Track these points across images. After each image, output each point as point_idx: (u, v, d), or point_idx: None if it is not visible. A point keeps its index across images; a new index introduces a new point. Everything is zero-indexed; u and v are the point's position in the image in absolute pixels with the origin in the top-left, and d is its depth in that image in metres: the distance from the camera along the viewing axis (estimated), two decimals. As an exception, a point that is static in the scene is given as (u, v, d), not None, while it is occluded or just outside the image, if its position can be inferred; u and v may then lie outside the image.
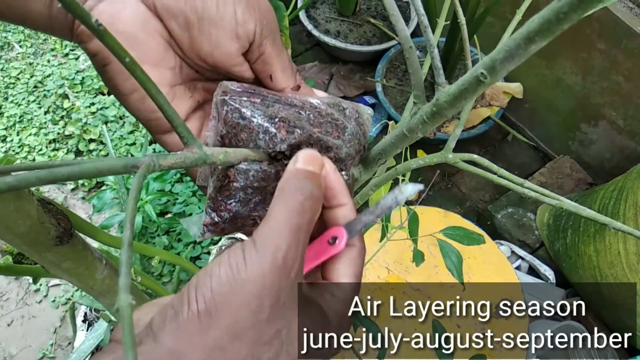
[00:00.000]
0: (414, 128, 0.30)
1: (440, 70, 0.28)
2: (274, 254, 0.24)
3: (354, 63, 1.58)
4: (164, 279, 1.24)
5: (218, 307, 0.23)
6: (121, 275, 0.15)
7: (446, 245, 0.64)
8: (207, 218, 0.30)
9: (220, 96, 0.30)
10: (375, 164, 0.36)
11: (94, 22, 0.18)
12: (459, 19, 0.45)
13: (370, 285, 1.03)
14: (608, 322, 1.05)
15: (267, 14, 0.30)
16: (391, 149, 0.34)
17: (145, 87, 0.21)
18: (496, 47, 0.20)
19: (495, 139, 1.46)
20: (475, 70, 0.21)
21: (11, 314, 1.38)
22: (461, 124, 0.40)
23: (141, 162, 0.21)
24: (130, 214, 0.17)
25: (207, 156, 0.25)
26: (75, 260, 0.45)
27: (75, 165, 0.18)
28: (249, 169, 0.28)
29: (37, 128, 1.69)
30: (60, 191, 1.58)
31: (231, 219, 0.29)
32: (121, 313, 0.15)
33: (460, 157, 0.38)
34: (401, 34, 0.30)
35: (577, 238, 1.03)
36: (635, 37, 1.07)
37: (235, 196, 0.29)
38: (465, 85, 0.23)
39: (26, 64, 1.85)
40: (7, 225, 0.36)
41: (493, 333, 1.15)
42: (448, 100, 0.25)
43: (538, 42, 0.18)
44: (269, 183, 0.29)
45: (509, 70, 0.20)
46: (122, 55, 0.20)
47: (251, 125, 0.29)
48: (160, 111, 0.28)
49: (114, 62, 0.28)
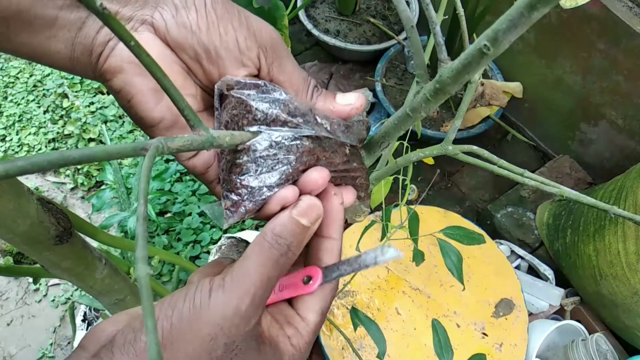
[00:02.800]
0: (417, 107, 0.30)
1: (442, 46, 0.28)
2: (240, 300, 0.25)
3: (353, 62, 1.58)
4: (164, 278, 1.24)
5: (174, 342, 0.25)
6: (137, 247, 0.16)
7: (446, 245, 0.64)
8: (226, 202, 0.30)
9: (225, 89, 0.30)
10: (379, 147, 0.36)
11: (98, 5, 0.18)
12: (457, 10, 0.45)
13: (370, 285, 1.03)
14: (608, 322, 1.05)
15: (270, 39, 0.31)
16: (394, 131, 0.34)
17: (151, 70, 0.22)
18: (498, 19, 0.20)
19: (494, 138, 1.46)
20: (478, 43, 0.21)
21: (11, 313, 1.38)
22: (460, 115, 0.40)
23: (150, 144, 0.21)
24: (143, 191, 0.18)
25: (214, 139, 0.25)
26: (75, 259, 0.45)
27: (86, 149, 0.18)
28: (255, 141, 0.29)
29: (36, 127, 1.68)
30: (60, 190, 1.58)
31: (250, 194, 0.29)
32: (139, 282, 0.15)
33: (460, 149, 0.38)
34: (403, 14, 0.30)
35: (577, 237, 1.03)
36: (635, 36, 1.07)
37: (248, 171, 0.29)
38: (469, 58, 0.22)
39: (25, 63, 1.84)
40: (7, 225, 0.36)
41: (493, 333, 1.16)
42: (451, 76, 0.25)
43: (540, 9, 0.18)
44: (278, 150, 0.29)
45: (511, 41, 0.20)
46: (128, 39, 0.20)
47: (254, 111, 0.29)
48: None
49: (137, 94, 0.30)
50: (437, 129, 1.33)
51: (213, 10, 0.30)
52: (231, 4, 0.31)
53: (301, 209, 0.28)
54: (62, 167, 0.17)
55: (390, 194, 0.83)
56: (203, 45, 0.30)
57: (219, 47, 0.30)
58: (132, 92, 0.30)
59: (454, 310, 1.00)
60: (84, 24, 0.29)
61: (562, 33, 1.21)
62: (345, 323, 0.99)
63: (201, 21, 0.29)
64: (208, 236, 1.27)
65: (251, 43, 0.30)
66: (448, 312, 1.00)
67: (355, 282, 1.04)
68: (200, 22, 0.29)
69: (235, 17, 0.30)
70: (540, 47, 1.28)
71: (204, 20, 0.29)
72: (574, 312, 1.10)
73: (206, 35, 0.29)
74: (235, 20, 0.30)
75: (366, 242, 0.87)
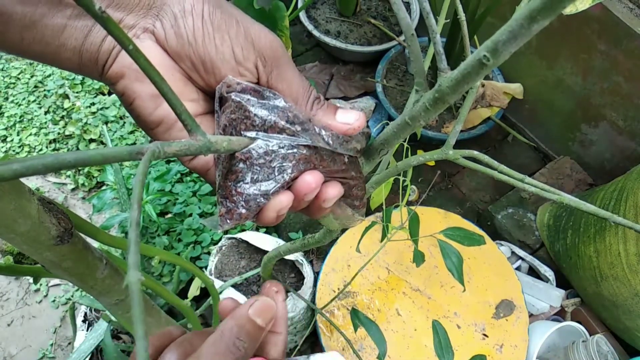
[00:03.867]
0: (416, 116, 0.30)
1: (442, 55, 0.28)
2: None
3: (354, 63, 1.58)
4: (164, 279, 1.24)
5: None
6: (130, 253, 0.16)
7: (446, 246, 0.64)
8: (221, 208, 0.30)
9: (225, 91, 0.30)
10: (378, 154, 0.36)
11: (97, 9, 0.18)
12: (459, 15, 0.45)
13: (370, 286, 1.03)
14: (608, 323, 1.04)
15: (269, 47, 0.31)
16: (393, 139, 0.34)
17: (148, 74, 0.22)
18: (498, 30, 0.20)
19: (495, 139, 1.46)
20: (477, 54, 0.21)
21: (11, 313, 1.38)
22: (461, 120, 0.40)
23: (146, 148, 0.21)
24: (137, 196, 0.18)
25: (211, 144, 0.25)
26: (76, 259, 0.45)
27: (81, 152, 0.18)
28: (251, 148, 0.29)
29: (37, 128, 1.69)
30: (61, 191, 1.58)
31: (245, 201, 0.29)
32: (130, 288, 0.15)
33: (460, 154, 0.38)
34: (403, 22, 0.30)
35: (577, 239, 1.03)
36: (635, 37, 1.07)
37: (244, 178, 0.29)
38: (468, 69, 0.23)
39: (26, 64, 1.85)
40: (7, 225, 0.36)
41: (493, 334, 1.15)
42: (451, 86, 0.25)
43: (540, 21, 0.18)
44: (273, 158, 0.29)
45: (511, 52, 0.20)
46: (126, 42, 0.20)
47: (252, 117, 0.29)
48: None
49: (138, 97, 0.31)
50: (438, 130, 1.33)
51: (210, 21, 0.30)
52: (229, 14, 0.31)
53: (257, 308, 0.30)
54: (58, 171, 0.17)
55: (390, 194, 0.83)
56: (199, 56, 0.30)
57: (215, 58, 0.30)
58: (133, 96, 0.31)
59: (455, 311, 1.00)
60: (90, 32, 0.30)
61: (562, 34, 1.21)
62: (345, 324, 0.99)
63: (197, 32, 0.30)
64: (209, 237, 1.27)
65: (248, 53, 0.30)
66: (448, 313, 1.00)
67: (355, 283, 1.04)
68: (196, 33, 0.30)
69: (232, 27, 0.30)
70: (540, 48, 1.28)
71: (200, 32, 0.30)
72: (574, 313, 1.10)
73: (202, 46, 0.30)
74: (232, 30, 0.30)
75: (366, 243, 0.87)
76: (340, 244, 1.08)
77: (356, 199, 0.34)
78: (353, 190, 0.34)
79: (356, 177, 0.33)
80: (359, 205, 0.35)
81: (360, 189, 0.34)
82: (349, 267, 1.06)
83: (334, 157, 0.31)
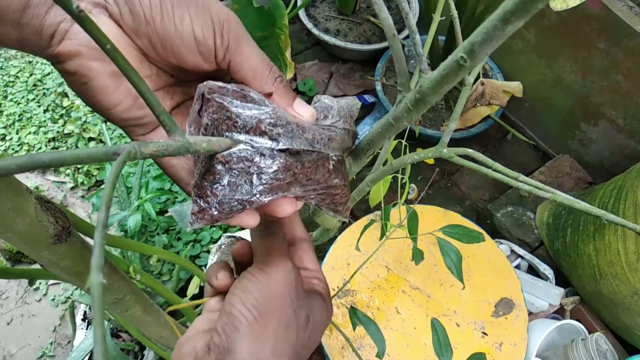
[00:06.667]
0: (399, 116, 0.30)
1: (422, 56, 0.28)
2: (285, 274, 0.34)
3: (353, 62, 1.58)
4: (164, 278, 1.24)
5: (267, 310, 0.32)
6: (94, 255, 0.16)
7: (446, 244, 0.64)
8: (194, 206, 0.30)
9: (207, 92, 0.30)
10: (364, 154, 0.36)
11: (74, 8, 0.18)
12: (451, 12, 0.45)
13: (370, 284, 1.03)
14: (607, 321, 1.05)
15: (228, 24, 0.30)
16: (379, 139, 0.34)
17: (127, 75, 0.21)
18: (474, 32, 0.20)
19: (495, 138, 1.46)
20: (455, 55, 0.21)
21: (11, 312, 1.38)
22: (455, 118, 0.40)
23: (122, 149, 0.21)
24: (106, 197, 0.18)
25: (190, 144, 0.25)
26: (74, 258, 0.45)
27: (56, 153, 0.18)
28: (232, 152, 0.28)
29: (36, 126, 1.68)
30: (60, 190, 1.58)
31: (218, 203, 0.29)
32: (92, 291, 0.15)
33: (454, 152, 0.38)
34: (384, 22, 0.30)
35: (577, 237, 1.03)
36: (635, 36, 1.07)
37: (220, 180, 0.29)
38: (447, 70, 0.23)
39: (25, 63, 1.84)
40: (5, 223, 0.36)
41: (492, 332, 1.15)
42: (431, 87, 0.25)
43: (514, 23, 0.18)
44: (252, 164, 0.29)
45: (488, 53, 0.20)
46: (104, 42, 0.20)
47: (234, 118, 0.29)
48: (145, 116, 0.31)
49: (95, 78, 0.29)
50: (437, 128, 1.33)
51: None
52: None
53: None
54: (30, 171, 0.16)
55: (389, 192, 0.83)
56: (157, 35, 0.29)
57: (174, 37, 0.29)
58: (90, 75, 0.29)
59: (454, 309, 1.00)
60: (29, 3, 0.27)
61: (562, 32, 1.21)
62: (344, 322, 0.99)
63: (155, 10, 0.28)
64: (208, 235, 1.27)
65: (208, 32, 0.29)
66: (448, 311, 1.00)
67: (355, 281, 1.04)
68: (154, 11, 0.28)
69: (192, 3, 0.29)
70: (540, 47, 1.28)
71: (158, 9, 0.28)
72: (573, 311, 1.10)
73: (160, 25, 0.29)
74: (192, 7, 0.29)
75: (366, 241, 0.87)
76: (339, 242, 1.08)
77: (339, 204, 0.34)
78: (336, 198, 0.33)
79: (339, 186, 0.33)
80: (342, 211, 0.35)
81: (343, 196, 0.34)
82: (348, 265, 1.06)
83: (317, 164, 0.31)
